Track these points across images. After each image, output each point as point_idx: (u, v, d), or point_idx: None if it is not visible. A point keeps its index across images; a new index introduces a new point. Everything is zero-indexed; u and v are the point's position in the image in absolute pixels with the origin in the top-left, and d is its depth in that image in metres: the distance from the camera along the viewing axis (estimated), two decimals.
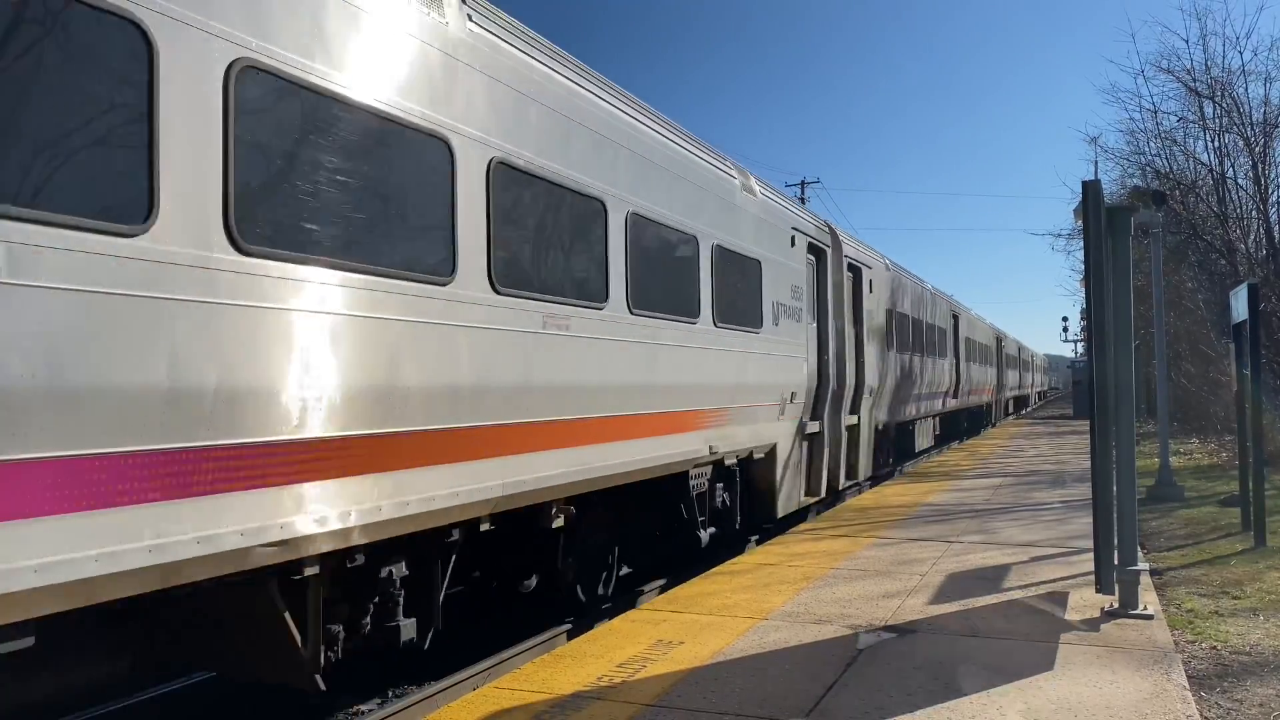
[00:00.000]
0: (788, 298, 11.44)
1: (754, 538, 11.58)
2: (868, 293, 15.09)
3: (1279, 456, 15.84)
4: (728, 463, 9.78)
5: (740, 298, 9.96)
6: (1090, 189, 6.79)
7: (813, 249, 12.74)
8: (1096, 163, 35.56)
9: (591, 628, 7.58)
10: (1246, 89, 21.81)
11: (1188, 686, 5.11)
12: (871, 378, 15.15)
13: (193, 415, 3.92)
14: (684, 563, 9.91)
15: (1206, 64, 22.22)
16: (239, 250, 4.15)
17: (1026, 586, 7.52)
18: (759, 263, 10.53)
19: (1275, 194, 21.55)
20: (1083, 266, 14.57)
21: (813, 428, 12.45)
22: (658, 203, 8.18)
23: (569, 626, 7.78)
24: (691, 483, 9.06)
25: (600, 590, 8.40)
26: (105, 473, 3.60)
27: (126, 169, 3.73)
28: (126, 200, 3.72)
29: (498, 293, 5.90)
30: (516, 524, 6.72)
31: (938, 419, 24.35)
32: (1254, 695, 5.24)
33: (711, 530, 9.69)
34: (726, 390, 9.42)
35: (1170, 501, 13.23)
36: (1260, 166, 21.47)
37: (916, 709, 4.73)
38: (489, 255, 5.82)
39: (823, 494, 12.89)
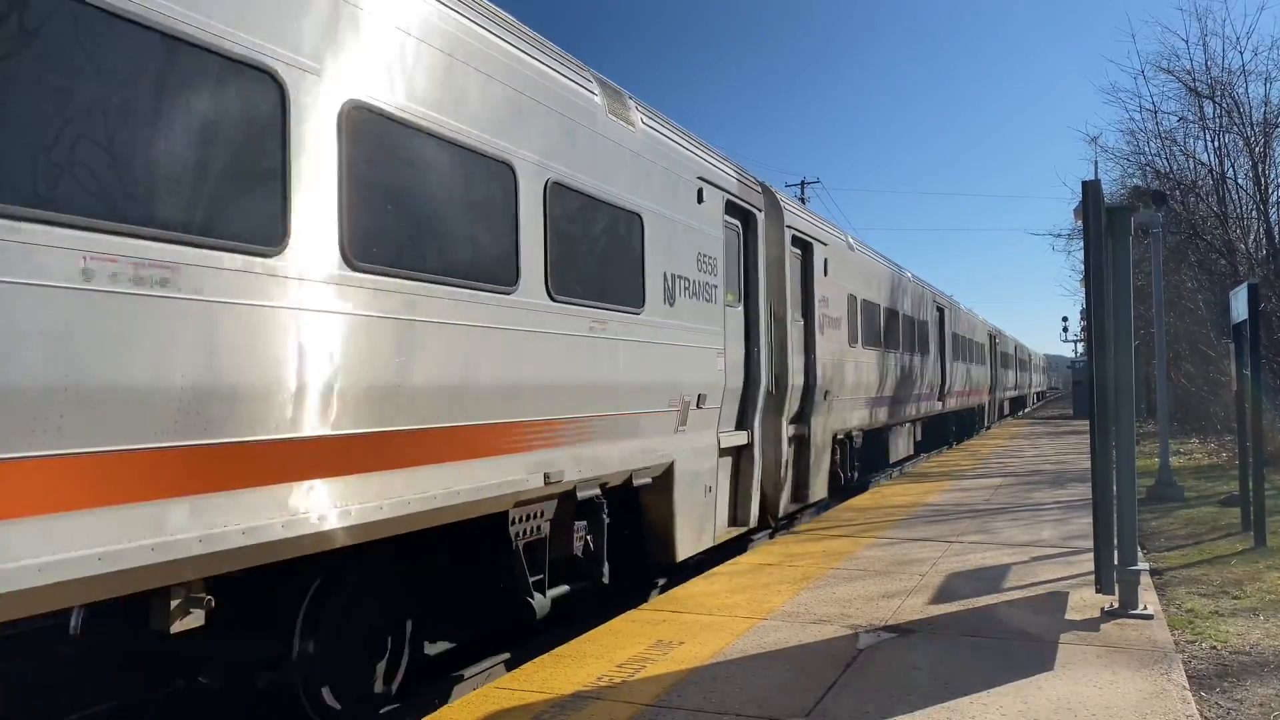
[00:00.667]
0: (690, 270, 8.68)
1: (661, 580, 9.16)
2: (822, 275, 12.66)
3: (1279, 456, 15.84)
4: (583, 495, 6.94)
5: (603, 263, 7.24)
6: (1090, 189, 6.79)
7: (736, 210, 9.99)
8: (1096, 162, 35.61)
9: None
10: (1246, 89, 21.86)
11: (1188, 686, 5.11)
12: (827, 377, 12.75)
13: None
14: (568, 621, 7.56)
15: (1206, 64, 22.26)
16: None
17: (1026, 586, 7.52)
18: (638, 218, 7.71)
19: (1275, 194, 21.58)
20: (1083, 266, 14.58)
21: (738, 439, 9.80)
22: (421, 100, 5.28)
23: None
24: (513, 528, 6.24)
25: (380, 686, 5.81)
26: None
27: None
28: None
29: None
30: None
31: (919, 424, 21.80)
32: (1254, 695, 5.24)
33: (560, 591, 6.86)
34: (576, 392, 6.71)
35: (1170, 501, 13.23)
36: (1260, 166, 21.49)
37: (916, 709, 4.73)
38: None
39: (753, 523, 10.21)
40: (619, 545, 7.82)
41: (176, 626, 4.15)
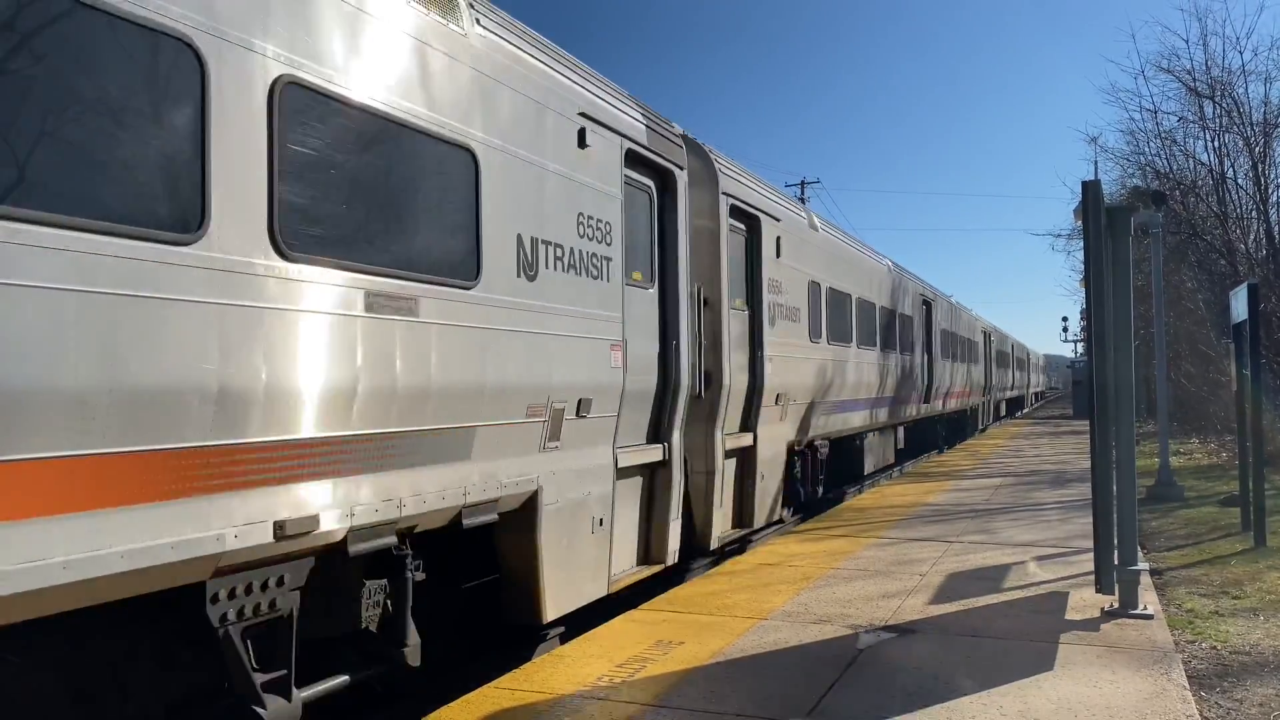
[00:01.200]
0: (567, 235, 6.54)
1: (558, 631, 7.04)
2: (773, 256, 10.69)
3: (1279, 456, 15.85)
4: (361, 549, 4.75)
5: (401, 213, 5.02)
6: (1090, 189, 6.80)
7: (646, 166, 7.89)
8: (1096, 163, 35.59)
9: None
10: (1246, 89, 21.89)
11: (1188, 686, 5.11)
12: (779, 378, 10.71)
13: None
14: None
15: (1206, 64, 22.27)
16: None
17: (1026, 586, 7.53)
18: (468, 154, 5.53)
19: (1275, 194, 21.62)
20: (1083, 267, 14.55)
21: (649, 455, 7.84)
22: None
23: None
24: (216, 608, 4.21)
25: None
26: None
27: None
28: None
29: None
30: None
31: (901, 429, 19.35)
32: (1254, 695, 5.24)
33: (327, 686, 4.81)
34: (342, 398, 4.54)
35: (1170, 501, 13.24)
36: (1260, 166, 21.51)
37: (916, 709, 4.73)
38: None
39: (671, 559, 8.17)
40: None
41: None
